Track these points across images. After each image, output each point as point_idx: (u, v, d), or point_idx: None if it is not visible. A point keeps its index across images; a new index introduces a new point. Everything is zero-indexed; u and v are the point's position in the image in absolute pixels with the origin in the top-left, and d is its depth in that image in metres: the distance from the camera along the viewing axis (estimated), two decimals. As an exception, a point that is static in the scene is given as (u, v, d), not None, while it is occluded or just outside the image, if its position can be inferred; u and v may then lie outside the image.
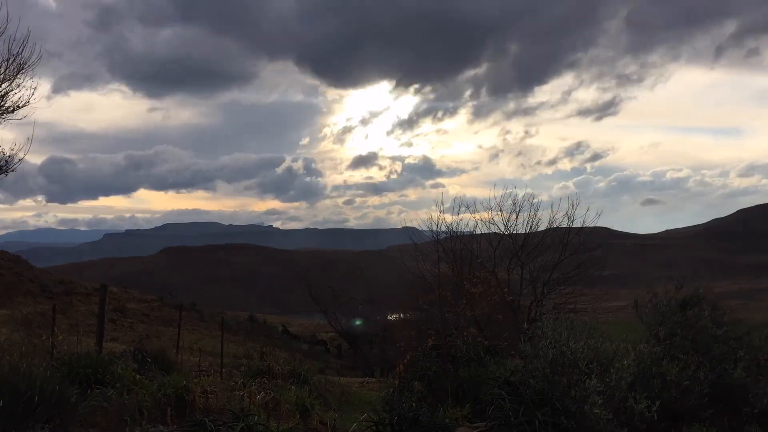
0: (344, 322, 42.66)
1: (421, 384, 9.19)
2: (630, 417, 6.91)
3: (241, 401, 7.91)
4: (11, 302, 32.20)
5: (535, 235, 16.70)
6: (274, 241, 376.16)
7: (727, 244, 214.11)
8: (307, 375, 10.92)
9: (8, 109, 8.68)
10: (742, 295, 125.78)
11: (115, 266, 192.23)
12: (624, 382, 6.99)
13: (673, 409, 7.60)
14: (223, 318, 36.60)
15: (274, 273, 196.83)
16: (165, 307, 44.61)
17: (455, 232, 17.64)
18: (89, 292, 42.05)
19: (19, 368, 6.38)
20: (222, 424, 6.04)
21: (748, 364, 8.28)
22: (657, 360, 8.02)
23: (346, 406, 10.82)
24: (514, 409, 6.62)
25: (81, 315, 28.19)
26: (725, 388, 8.00)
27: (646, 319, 9.11)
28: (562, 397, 6.71)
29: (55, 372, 7.15)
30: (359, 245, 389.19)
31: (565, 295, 16.27)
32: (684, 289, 9.27)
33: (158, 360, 10.21)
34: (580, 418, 6.54)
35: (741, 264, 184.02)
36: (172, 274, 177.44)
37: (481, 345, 10.42)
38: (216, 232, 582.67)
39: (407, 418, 6.69)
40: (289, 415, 8.16)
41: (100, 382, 7.79)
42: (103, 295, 12.60)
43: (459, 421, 7.49)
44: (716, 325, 8.58)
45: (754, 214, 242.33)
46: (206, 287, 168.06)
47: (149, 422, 6.53)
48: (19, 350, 7.80)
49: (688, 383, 7.70)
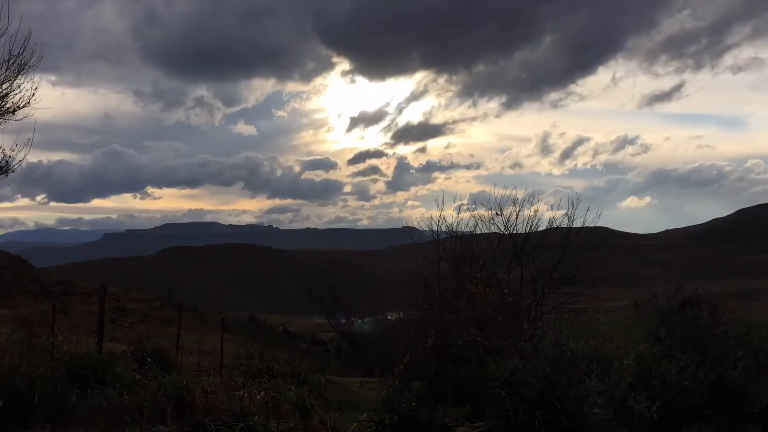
0: (344, 322, 42.69)
1: (421, 384, 9.20)
2: (630, 417, 6.92)
3: (241, 401, 7.92)
4: (11, 302, 32.22)
5: (535, 235, 16.71)
6: (274, 241, 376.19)
7: (727, 244, 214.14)
8: (307, 375, 10.94)
9: (9, 110, 8.68)
10: (742, 295, 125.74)
11: (115, 266, 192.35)
12: (624, 382, 6.99)
13: (673, 409, 7.60)
14: (223, 318, 36.61)
15: (274, 273, 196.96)
16: (165, 307, 44.66)
17: (455, 232, 17.65)
18: (89, 292, 42.09)
19: (19, 368, 6.39)
20: (222, 424, 6.04)
21: (747, 363, 8.29)
22: (657, 360, 8.02)
23: (346, 406, 10.84)
24: (514, 409, 6.63)
25: (81, 315, 28.24)
26: (725, 388, 8.01)
27: (646, 319, 9.12)
28: (562, 397, 6.71)
29: (55, 372, 7.16)
30: (358, 245, 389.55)
31: (565, 295, 16.28)
32: (683, 289, 9.27)
33: (158, 360, 10.23)
34: (580, 418, 6.54)
35: (740, 264, 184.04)
36: (172, 274, 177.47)
37: (481, 345, 10.43)
38: (216, 232, 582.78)
39: (407, 417, 6.69)
40: (289, 414, 8.16)
41: (100, 382, 7.80)
42: (102, 295, 12.62)
43: (459, 421, 7.50)
44: (716, 324, 8.58)
45: (754, 214, 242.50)
46: (206, 287, 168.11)
47: (149, 422, 6.53)
48: (19, 350, 7.81)
49: (688, 383, 7.70)
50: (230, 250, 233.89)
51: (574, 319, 8.19)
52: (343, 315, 43.01)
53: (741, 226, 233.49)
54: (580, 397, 6.64)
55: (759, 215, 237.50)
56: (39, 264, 57.10)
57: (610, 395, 6.87)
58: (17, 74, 8.66)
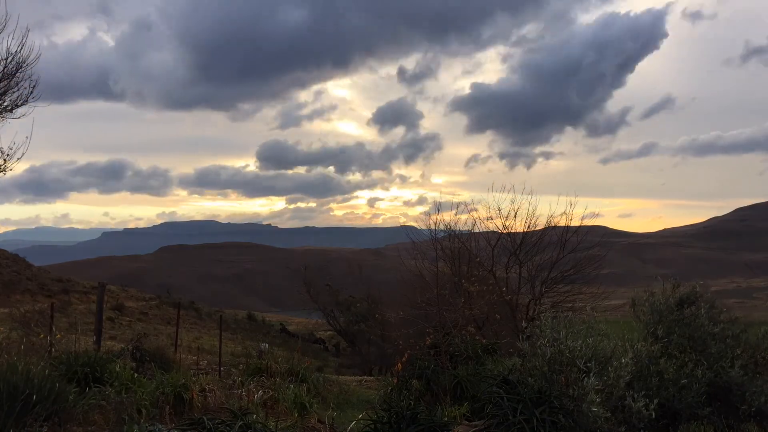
0: (342, 321, 42.74)
1: (419, 382, 9.20)
2: (628, 415, 6.93)
3: (240, 400, 7.94)
4: (9, 300, 32.23)
5: (533, 233, 16.72)
6: (273, 240, 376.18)
7: (725, 242, 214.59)
8: (305, 373, 10.94)
9: (7, 108, 8.67)
10: (740, 293, 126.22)
11: (114, 265, 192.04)
12: (622, 380, 7.00)
13: (671, 408, 7.62)
14: (222, 316, 36.67)
15: (272, 271, 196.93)
16: (163, 305, 44.65)
17: (453, 231, 17.67)
18: (87, 290, 42.08)
19: (17, 367, 6.38)
20: (220, 422, 6.04)
21: (745, 362, 8.30)
22: (655, 358, 8.03)
23: (345, 405, 10.84)
24: (512, 407, 6.63)
25: (79, 313, 28.23)
26: (722, 387, 8.02)
27: (644, 318, 9.12)
28: (560, 396, 6.73)
29: (53, 370, 7.16)
30: (358, 243, 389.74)
31: (563, 293, 16.31)
32: (681, 287, 9.27)
33: (156, 358, 10.24)
34: (578, 416, 6.55)
35: (738, 262, 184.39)
36: (170, 273, 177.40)
37: (479, 343, 10.45)
38: (214, 230, 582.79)
39: (405, 416, 6.70)
40: (288, 413, 8.17)
41: (99, 380, 7.80)
42: (101, 294, 12.61)
43: (457, 420, 7.51)
44: (713, 323, 8.59)
45: (752, 213, 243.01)
46: (204, 286, 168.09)
47: (147, 421, 6.53)
48: (17, 348, 7.82)
49: (685, 381, 7.71)
50: (229, 249, 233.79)
51: (573, 317, 8.20)
52: (341, 313, 43.06)
53: (739, 225, 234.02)
54: (578, 396, 6.65)
55: (756, 214, 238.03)
56: (37, 262, 57.01)
57: (608, 394, 6.88)
58: (15, 72, 8.65)
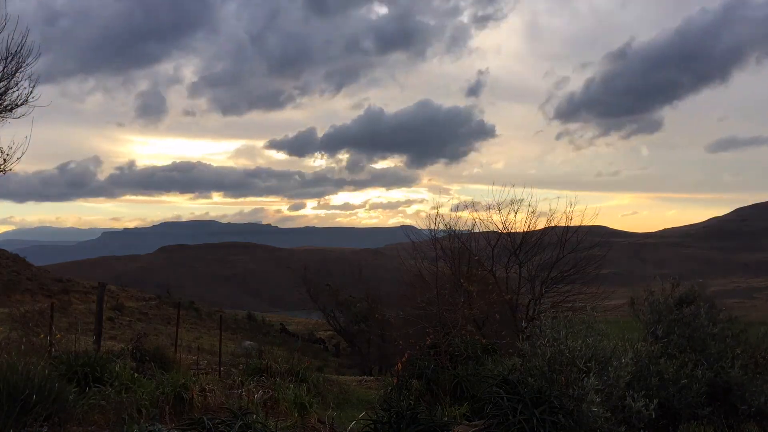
0: (342, 321, 42.74)
1: (419, 382, 9.20)
2: (628, 415, 6.93)
3: (240, 399, 7.94)
4: (9, 300, 32.23)
5: (533, 233, 16.72)
6: (272, 239, 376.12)
7: (724, 242, 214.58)
8: (305, 373, 10.94)
9: (6, 108, 8.67)
10: (739, 293, 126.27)
11: (114, 265, 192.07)
12: (622, 380, 6.99)
13: (671, 408, 7.62)
14: (222, 316, 36.70)
15: (272, 271, 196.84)
16: (163, 305, 44.66)
17: (453, 231, 17.67)
18: (87, 290, 42.10)
19: (17, 366, 6.38)
20: (220, 422, 6.04)
21: (745, 362, 8.29)
22: (654, 358, 8.03)
23: (345, 405, 10.85)
24: (512, 407, 6.63)
25: (79, 313, 28.25)
26: (722, 386, 8.01)
27: (643, 318, 9.12)
28: (560, 396, 6.72)
29: (53, 370, 7.15)
30: (358, 243, 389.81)
31: (564, 293, 16.30)
32: (680, 287, 9.27)
33: (156, 358, 10.24)
34: (578, 416, 6.56)
35: (738, 262, 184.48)
36: (170, 273, 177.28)
37: (479, 343, 10.45)
38: (214, 230, 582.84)
39: (405, 416, 6.69)
40: (288, 413, 8.17)
41: (99, 380, 7.79)
42: (101, 294, 12.61)
43: (457, 420, 7.50)
44: (713, 323, 8.59)
45: (751, 213, 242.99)
46: (204, 286, 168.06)
47: (147, 421, 6.53)
48: (17, 348, 7.82)
49: (685, 381, 7.71)
50: (229, 249, 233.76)
51: (572, 317, 8.20)
52: (341, 313, 43.06)
53: (738, 225, 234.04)
54: (578, 396, 6.65)
55: (756, 214, 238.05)
56: (37, 262, 57.04)
57: (608, 393, 6.88)
58: (15, 72, 8.65)
